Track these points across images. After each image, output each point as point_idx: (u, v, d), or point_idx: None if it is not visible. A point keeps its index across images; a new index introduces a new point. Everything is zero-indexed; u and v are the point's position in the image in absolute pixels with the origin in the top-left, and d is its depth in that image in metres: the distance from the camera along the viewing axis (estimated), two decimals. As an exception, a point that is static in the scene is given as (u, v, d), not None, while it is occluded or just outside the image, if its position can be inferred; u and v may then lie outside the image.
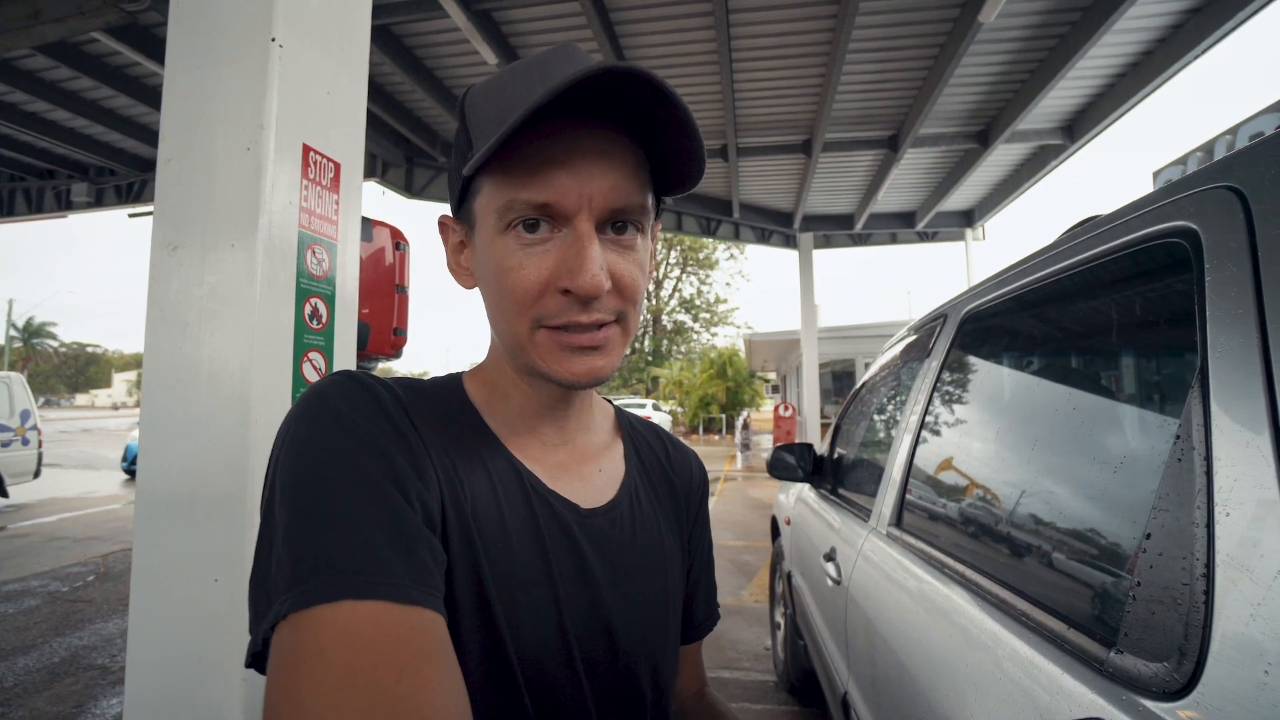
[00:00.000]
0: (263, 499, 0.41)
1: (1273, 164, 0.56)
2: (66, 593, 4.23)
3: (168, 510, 1.14)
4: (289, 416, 0.42)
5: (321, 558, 0.35)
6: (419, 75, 5.11)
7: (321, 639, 0.32)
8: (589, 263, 0.41)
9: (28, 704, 2.67)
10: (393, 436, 0.42)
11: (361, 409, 0.42)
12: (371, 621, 0.33)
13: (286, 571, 0.35)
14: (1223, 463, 0.49)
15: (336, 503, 0.37)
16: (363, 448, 0.40)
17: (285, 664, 0.33)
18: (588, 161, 0.41)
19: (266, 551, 0.38)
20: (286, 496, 0.38)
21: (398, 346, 2.22)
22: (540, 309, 0.44)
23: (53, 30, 3.76)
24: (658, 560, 0.54)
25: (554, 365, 0.45)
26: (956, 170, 7.09)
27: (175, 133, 1.21)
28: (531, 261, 0.43)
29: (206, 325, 1.16)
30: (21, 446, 7.21)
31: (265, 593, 0.36)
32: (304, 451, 0.39)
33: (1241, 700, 0.42)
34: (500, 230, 0.43)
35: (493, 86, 0.45)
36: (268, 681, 0.33)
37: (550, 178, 0.41)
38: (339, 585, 0.34)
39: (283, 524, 0.37)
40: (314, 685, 0.31)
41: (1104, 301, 0.84)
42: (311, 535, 0.36)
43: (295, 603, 0.34)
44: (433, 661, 0.34)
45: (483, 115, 0.44)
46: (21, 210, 7.85)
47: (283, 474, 0.39)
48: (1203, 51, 4.46)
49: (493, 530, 0.44)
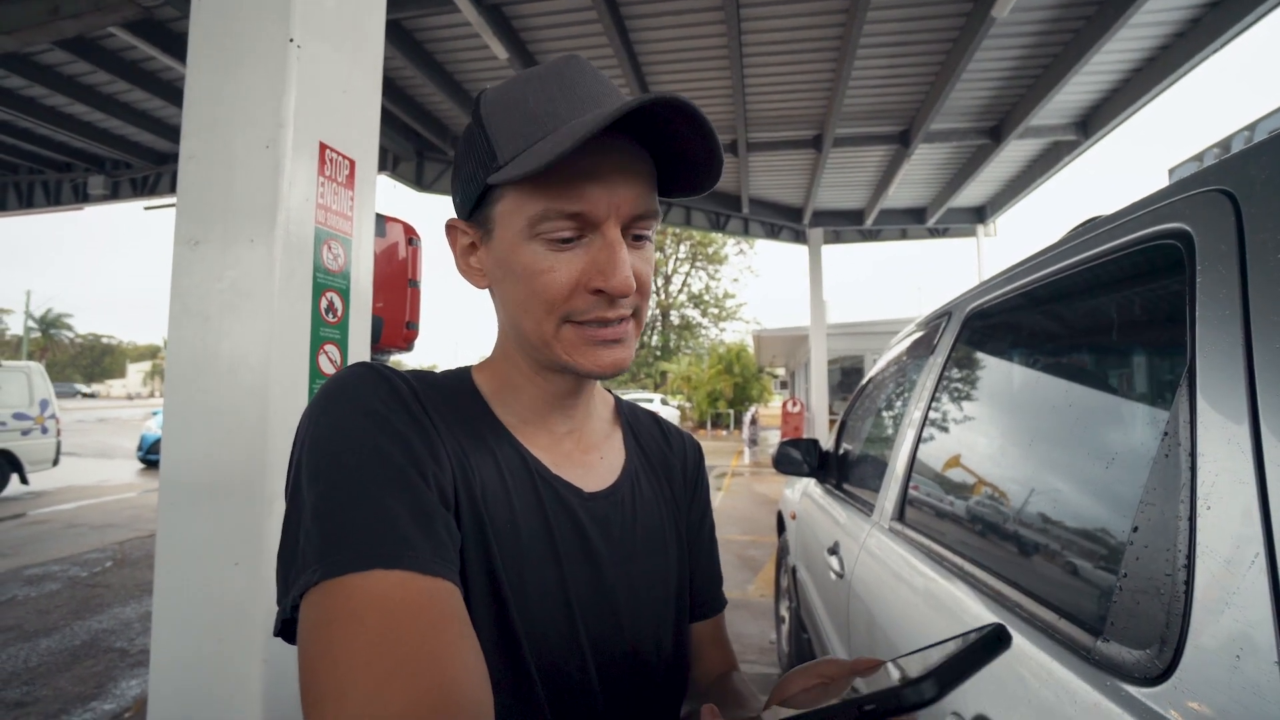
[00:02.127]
0: (288, 481, 0.43)
1: (1264, 168, 0.57)
2: (86, 578, 4.34)
3: (190, 496, 1.18)
4: (312, 405, 0.45)
5: (349, 531, 0.38)
6: (430, 70, 5.13)
7: (354, 603, 0.35)
8: (621, 265, 0.45)
9: (51, 683, 2.75)
10: (409, 423, 0.44)
11: (380, 398, 0.45)
12: (399, 588, 0.36)
13: (316, 544, 0.38)
14: (1206, 458, 0.51)
15: (361, 482, 0.40)
16: (383, 433, 0.42)
17: (320, 625, 0.35)
18: (615, 173, 0.45)
19: (295, 527, 0.40)
20: (314, 477, 0.41)
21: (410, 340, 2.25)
22: (570, 307, 0.47)
23: (71, 26, 3.82)
24: (659, 541, 0.57)
25: (580, 358, 0.48)
26: (968, 166, 7.03)
27: (197, 131, 1.24)
28: (562, 264, 0.46)
29: (226, 318, 1.19)
30: (41, 435, 7.36)
31: (294, 564, 0.39)
32: (329, 436, 0.42)
33: (1215, 684, 0.45)
34: (530, 236, 0.46)
35: (512, 97, 0.48)
36: (301, 643, 0.36)
37: (583, 189, 0.44)
38: (368, 555, 0.37)
39: (310, 502, 0.40)
40: (349, 644, 0.34)
41: (1103, 301, 0.85)
42: (339, 511, 0.39)
43: (327, 571, 0.36)
44: (454, 626, 0.37)
45: (506, 126, 0.46)
46: (40, 202, 7.98)
47: (309, 457, 0.42)
48: (1221, 46, 4.39)
49: (501, 513, 0.47)
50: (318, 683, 0.34)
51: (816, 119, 6.09)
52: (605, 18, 4.29)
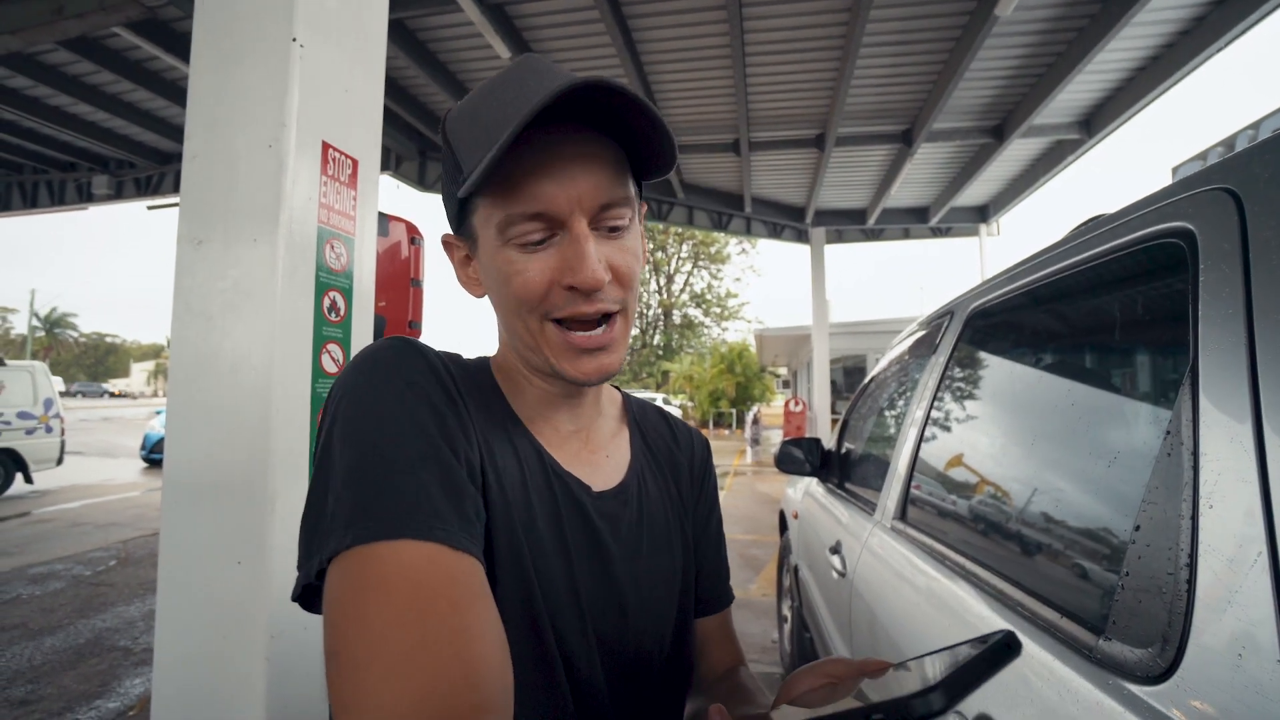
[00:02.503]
0: (318, 445, 0.43)
1: (1267, 167, 0.57)
2: (89, 576, 4.35)
3: (193, 495, 1.18)
4: (349, 372, 0.44)
5: (383, 499, 0.37)
6: (433, 69, 5.14)
7: (385, 571, 0.35)
8: (588, 259, 0.45)
9: (56, 681, 2.77)
10: (445, 399, 0.45)
11: (419, 369, 0.45)
12: (428, 560, 0.36)
13: (347, 509, 0.37)
14: (1208, 456, 0.51)
15: (396, 451, 0.40)
16: (420, 404, 0.43)
17: (349, 590, 0.35)
18: (571, 166, 0.45)
19: (323, 491, 0.40)
20: (348, 442, 0.40)
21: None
22: (547, 305, 0.47)
23: (75, 26, 3.84)
24: (665, 538, 0.57)
25: (566, 365, 0.49)
26: (971, 165, 7.02)
27: (200, 130, 1.25)
28: (534, 265, 0.46)
29: (229, 317, 1.20)
30: (45, 434, 7.40)
31: (322, 529, 0.38)
32: (365, 402, 0.42)
33: (1218, 683, 0.44)
34: (503, 242, 0.47)
35: (467, 111, 0.48)
36: (328, 608, 0.36)
37: (539, 189, 0.44)
38: (400, 525, 0.36)
39: (342, 467, 0.39)
40: (379, 611, 0.34)
41: (1105, 300, 0.85)
42: (372, 478, 0.38)
43: (359, 537, 0.36)
44: (480, 603, 0.37)
45: (466, 139, 0.47)
46: (45, 202, 8.02)
47: (343, 422, 0.41)
48: (1225, 44, 4.37)
49: (519, 501, 0.48)
50: (345, 651, 0.34)
51: (819, 118, 6.08)
52: (607, 17, 4.29)
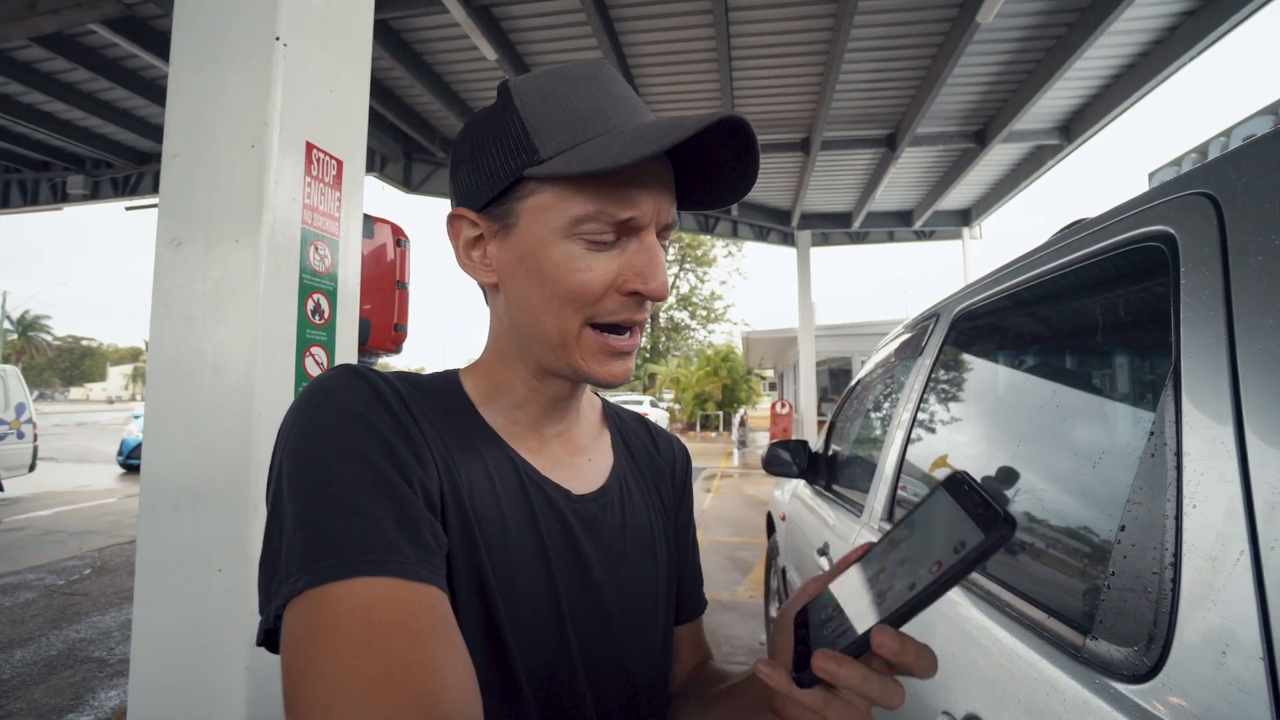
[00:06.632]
0: (269, 488, 0.42)
1: (1245, 171, 0.58)
2: (63, 586, 4.24)
3: (172, 502, 1.16)
4: (293, 409, 0.44)
5: (332, 538, 0.37)
6: (419, 71, 5.10)
7: (336, 613, 0.34)
8: (661, 269, 0.47)
9: (25, 696, 2.69)
10: (393, 426, 0.44)
11: (363, 400, 0.44)
12: (383, 597, 0.35)
13: (299, 552, 0.37)
14: (1191, 457, 0.51)
15: (344, 487, 0.39)
16: (366, 436, 0.42)
17: (302, 637, 0.34)
18: (657, 182, 0.47)
19: (277, 535, 0.39)
20: (295, 483, 0.40)
21: (398, 342, 2.23)
22: (598, 307, 0.47)
23: (50, 21, 3.76)
24: (647, 543, 0.57)
25: (595, 367, 0.49)
26: (954, 170, 7.12)
27: (180, 129, 1.22)
28: (600, 264, 0.46)
29: (210, 320, 1.17)
30: (17, 440, 7.20)
31: (277, 573, 0.38)
32: (310, 440, 0.41)
33: (1202, 681, 0.45)
34: (568, 234, 0.46)
35: (552, 91, 0.47)
36: (283, 654, 0.35)
37: (635, 196, 0.45)
38: (351, 564, 0.36)
39: (292, 509, 0.39)
40: (332, 655, 0.33)
41: (1088, 303, 0.87)
42: (322, 518, 0.38)
43: (310, 580, 0.35)
44: (440, 634, 0.36)
45: (549, 120, 0.45)
46: (17, 202, 7.82)
47: (290, 462, 0.41)
48: (1198, 53, 4.49)
49: (490, 515, 0.47)
50: (301, 698, 0.33)
51: (804, 122, 6.13)
52: (594, 19, 4.30)
